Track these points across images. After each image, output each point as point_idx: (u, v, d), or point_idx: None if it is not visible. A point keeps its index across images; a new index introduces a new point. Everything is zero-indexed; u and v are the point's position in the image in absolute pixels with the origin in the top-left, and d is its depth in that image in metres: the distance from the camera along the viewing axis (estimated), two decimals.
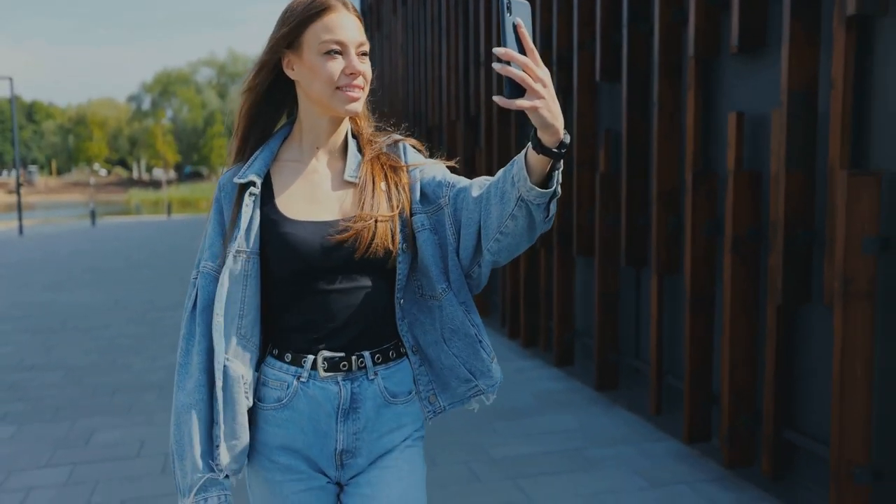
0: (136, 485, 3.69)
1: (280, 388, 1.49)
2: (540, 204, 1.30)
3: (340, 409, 1.48)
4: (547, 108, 1.20)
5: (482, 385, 1.55)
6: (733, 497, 3.41)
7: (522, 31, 1.18)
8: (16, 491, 3.65)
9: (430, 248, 1.48)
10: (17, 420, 4.73)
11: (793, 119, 3.04)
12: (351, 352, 1.48)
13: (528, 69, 1.18)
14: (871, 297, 2.76)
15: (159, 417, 4.72)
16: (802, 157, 3.08)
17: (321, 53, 1.41)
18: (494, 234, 1.38)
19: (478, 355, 1.53)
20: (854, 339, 2.76)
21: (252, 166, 1.49)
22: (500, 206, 1.34)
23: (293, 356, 1.49)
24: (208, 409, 1.45)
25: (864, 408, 2.78)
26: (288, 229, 1.45)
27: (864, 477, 2.80)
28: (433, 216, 1.49)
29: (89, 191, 55.09)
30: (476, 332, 1.52)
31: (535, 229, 1.35)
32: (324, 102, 1.44)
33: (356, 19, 1.45)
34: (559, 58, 5.18)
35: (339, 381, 1.48)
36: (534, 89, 1.18)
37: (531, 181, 1.28)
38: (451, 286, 1.49)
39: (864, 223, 2.72)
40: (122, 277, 12.00)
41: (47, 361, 6.31)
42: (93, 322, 8.10)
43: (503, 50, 1.17)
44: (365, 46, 1.45)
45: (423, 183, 1.51)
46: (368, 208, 1.45)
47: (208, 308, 1.47)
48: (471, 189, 1.44)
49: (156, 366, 6.06)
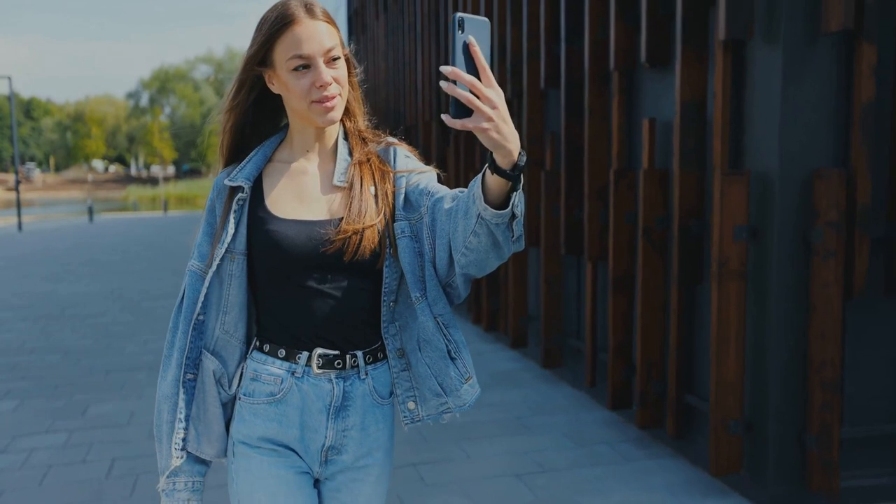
0: (125, 447, 4.20)
1: (273, 383, 1.50)
2: (498, 224, 1.26)
3: (332, 406, 1.50)
4: (496, 130, 1.16)
5: (451, 403, 1.54)
6: (644, 454, 3.92)
7: (475, 49, 1.15)
8: (20, 452, 4.15)
9: (408, 256, 1.47)
10: (19, 395, 5.24)
11: (685, 126, 3.55)
12: (345, 350, 1.50)
13: (476, 88, 1.14)
14: (742, 276, 3.27)
15: (148, 392, 5.23)
16: (694, 158, 3.58)
17: (290, 70, 1.41)
18: (461, 249, 1.35)
19: (447, 371, 1.52)
20: (728, 312, 3.27)
21: (244, 169, 1.51)
22: (465, 222, 1.32)
23: (287, 352, 1.50)
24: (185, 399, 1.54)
25: (736, 371, 3.29)
26: (275, 227, 1.47)
27: (737, 429, 3.31)
28: (415, 224, 1.48)
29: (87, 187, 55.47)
30: (449, 347, 1.51)
31: (500, 247, 1.31)
32: (303, 115, 1.47)
33: (324, 23, 1.43)
34: (513, 66, 5.68)
35: (332, 378, 1.50)
36: (481, 110, 1.15)
37: (488, 200, 1.25)
38: (425, 295, 1.48)
39: (736, 214, 3.23)
40: (118, 270, 12.51)
41: (47, 345, 6.82)
42: (89, 310, 8.60)
43: (449, 68, 1.13)
44: (334, 51, 1.43)
45: (408, 190, 1.50)
46: (356, 211, 1.46)
47: (192, 305, 1.52)
48: (445, 200, 1.43)
49: (147, 349, 6.56)
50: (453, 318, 1.52)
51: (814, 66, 3.09)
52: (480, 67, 1.15)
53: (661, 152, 3.96)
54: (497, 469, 3.78)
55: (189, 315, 1.52)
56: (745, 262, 3.27)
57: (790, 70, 3.07)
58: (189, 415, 1.53)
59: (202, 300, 1.50)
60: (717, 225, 3.25)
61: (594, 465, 3.79)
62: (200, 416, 1.53)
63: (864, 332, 3.28)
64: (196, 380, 1.53)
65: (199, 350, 1.53)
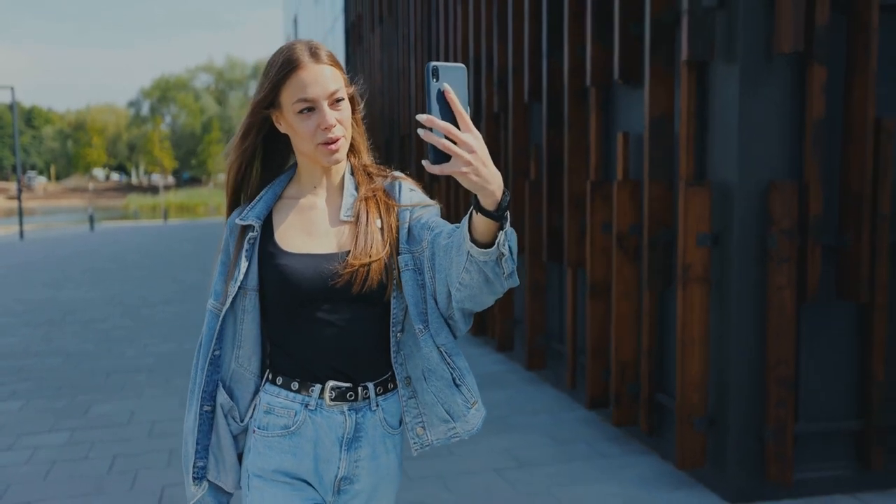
0: (126, 444, 4.40)
1: (287, 416, 1.54)
2: (486, 262, 1.29)
3: (345, 437, 1.54)
4: (475, 173, 1.19)
5: (459, 429, 1.59)
6: (619, 450, 4.13)
7: (450, 96, 1.19)
8: (25, 449, 4.36)
9: (412, 288, 1.51)
10: (23, 396, 5.45)
11: (654, 140, 3.77)
12: (357, 382, 1.54)
13: (452, 134, 1.18)
14: (706, 281, 3.48)
15: (148, 393, 5.44)
16: (663, 170, 3.80)
17: (296, 113, 1.46)
18: (455, 284, 1.38)
19: (454, 398, 1.55)
20: (692, 315, 3.49)
21: (254, 208, 1.57)
22: (457, 258, 1.35)
23: (300, 384, 1.54)
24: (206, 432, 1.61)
25: (701, 371, 3.51)
26: (285, 261, 1.51)
27: (701, 425, 3.52)
28: (418, 257, 1.52)
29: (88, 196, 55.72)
30: (454, 375, 1.54)
31: (492, 284, 1.34)
32: (309, 156, 1.52)
33: (328, 66, 1.48)
34: (499, 80, 5.91)
35: (344, 410, 1.54)
36: (458, 154, 1.18)
37: (476, 238, 1.29)
38: (427, 327, 1.51)
39: (699, 222, 3.45)
40: (118, 277, 12.72)
41: (49, 349, 7.03)
42: (90, 316, 8.81)
43: (424, 116, 1.17)
44: (339, 93, 1.48)
45: (412, 224, 1.54)
46: (363, 245, 1.50)
47: (209, 342, 1.59)
48: (443, 236, 1.46)
49: (146, 352, 6.77)
50: (456, 346, 1.54)
51: (769, 85, 3.32)
52: (457, 113, 1.19)
53: (634, 164, 4.18)
54: (478, 464, 3.98)
55: (206, 351, 1.58)
56: (709, 268, 3.48)
57: (747, 89, 3.30)
58: (208, 444, 1.59)
59: (216, 336, 1.57)
60: (682, 232, 3.47)
61: (571, 461, 4.00)
62: (217, 446, 1.59)
63: (818, 334, 3.49)
64: (213, 411, 1.59)
65: (215, 383, 1.59)
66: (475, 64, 6.42)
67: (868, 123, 3.30)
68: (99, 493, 3.69)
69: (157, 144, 78.59)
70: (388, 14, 10.26)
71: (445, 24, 7.32)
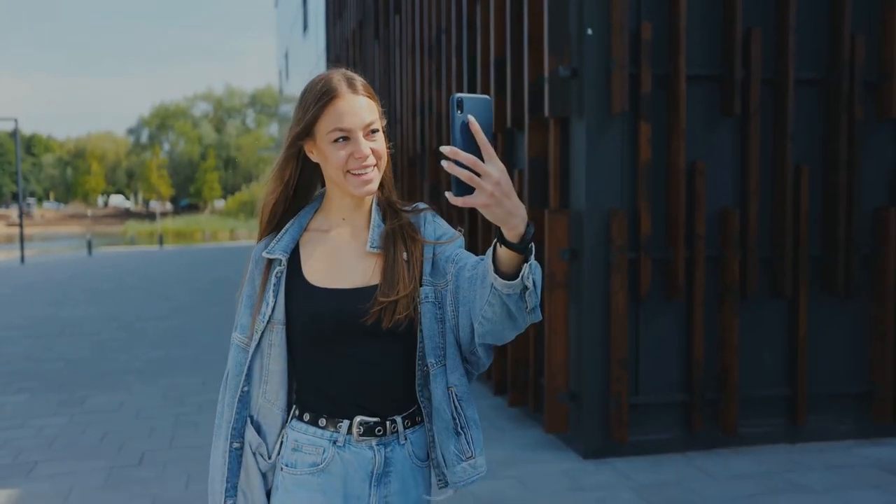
0: (115, 424, 5.37)
1: (315, 453, 1.51)
2: (511, 295, 1.27)
3: (374, 473, 1.50)
4: (499, 205, 1.18)
5: (447, 478, 1.54)
6: (513, 426, 5.10)
7: (475, 127, 1.17)
8: (32, 428, 5.33)
9: (429, 321, 1.49)
10: (30, 391, 6.42)
11: (532, 175, 4.81)
12: (384, 416, 1.51)
13: (476, 166, 1.16)
14: (565, 286, 4.49)
15: (136, 389, 6.42)
16: (543, 199, 4.83)
17: (331, 142, 1.46)
18: (479, 318, 1.36)
19: (448, 444, 1.51)
20: (556, 313, 4.49)
21: (281, 241, 1.55)
22: (482, 291, 1.34)
23: (328, 420, 1.51)
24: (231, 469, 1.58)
25: (562, 355, 4.51)
26: (313, 297, 1.50)
27: (564, 399, 4.51)
28: (440, 290, 1.50)
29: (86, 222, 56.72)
30: (457, 420, 1.50)
31: (514, 318, 1.32)
32: (340, 185, 1.50)
33: (366, 98, 1.48)
34: (437, 122, 6.97)
35: (373, 445, 1.50)
36: (482, 186, 1.16)
37: (500, 271, 1.27)
38: (442, 363, 1.49)
39: (560, 240, 4.47)
40: (114, 297, 13.71)
41: (50, 356, 8.01)
42: (87, 329, 9.80)
43: (448, 148, 1.16)
44: (374, 124, 1.48)
45: (436, 257, 1.52)
46: (390, 280, 1.48)
47: (237, 378, 1.57)
48: (467, 268, 1.45)
49: (137, 359, 7.75)
50: (468, 393, 1.52)
51: (609, 137, 4.36)
52: (481, 144, 1.17)
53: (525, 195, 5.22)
54: None
55: (234, 388, 1.57)
56: (568, 276, 4.50)
57: (593, 139, 4.34)
58: (237, 483, 1.57)
59: (249, 370, 1.56)
60: (548, 248, 4.49)
61: None
62: (246, 484, 1.57)
63: (652, 326, 4.50)
64: (241, 448, 1.57)
65: (244, 420, 1.57)
66: (421, 108, 7.49)
67: (682, 166, 4.34)
68: (92, 457, 4.66)
69: (155, 171, 79.90)
70: (359, 59, 11.39)
71: (401, 74, 8.43)
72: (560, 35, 4.45)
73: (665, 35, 4.40)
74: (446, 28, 6.62)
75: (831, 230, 4.57)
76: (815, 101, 4.59)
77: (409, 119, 8.10)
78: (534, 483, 4.08)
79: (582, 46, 4.30)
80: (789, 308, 4.60)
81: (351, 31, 12.21)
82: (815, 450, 4.52)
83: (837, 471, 4.19)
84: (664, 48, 4.40)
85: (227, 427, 1.57)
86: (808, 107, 4.58)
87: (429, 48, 7.22)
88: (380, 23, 9.63)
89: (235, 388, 1.57)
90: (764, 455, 4.45)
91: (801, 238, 4.51)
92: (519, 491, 3.97)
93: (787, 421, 4.62)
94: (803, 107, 4.56)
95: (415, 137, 7.83)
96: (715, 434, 4.54)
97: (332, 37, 15.16)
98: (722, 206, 4.49)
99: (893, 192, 4.68)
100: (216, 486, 1.59)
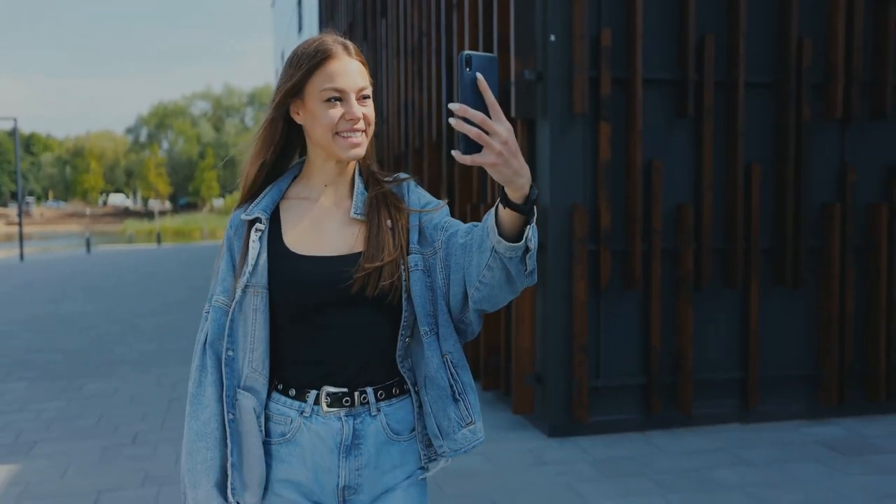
0: (110, 408, 5.67)
1: (284, 422, 1.50)
2: (512, 258, 1.27)
3: (342, 444, 1.48)
4: (506, 164, 1.17)
5: (445, 447, 1.52)
6: (487, 408, 5.39)
7: (483, 85, 1.16)
8: (32, 411, 5.63)
9: (420, 289, 1.47)
10: (29, 379, 6.72)
11: None
12: (354, 387, 1.48)
13: (485, 124, 1.15)
14: None
15: (131, 377, 6.72)
16: None
17: (322, 101, 1.43)
18: (475, 283, 1.36)
19: (446, 412, 1.50)
20: (523, 302, 4.79)
21: (259, 204, 1.52)
22: (479, 256, 1.33)
23: (297, 391, 1.49)
24: (223, 439, 1.49)
25: (528, 342, 4.81)
26: (293, 264, 1.47)
27: (530, 381, 4.81)
28: (428, 259, 1.48)
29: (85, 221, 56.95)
30: (454, 387, 1.49)
31: (513, 282, 1.32)
32: (327, 147, 1.46)
33: (358, 63, 1.46)
34: (419, 121, 7.27)
35: (341, 416, 1.48)
36: (490, 145, 1.15)
37: (503, 234, 1.26)
38: (435, 331, 1.48)
39: None
40: (111, 293, 14.01)
41: (49, 347, 8.31)
42: (85, 324, 10.10)
43: (457, 105, 1.15)
44: (366, 90, 1.47)
45: (422, 225, 1.51)
46: (374, 247, 1.45)
47: (218, 340, 1.50)
48: (459, 235, 1.43)
49: (132, 351, 8.05)
50: (463, 359, 1.51)
51: (571, 137, 4.66)
52: (489, 103, 1.16)
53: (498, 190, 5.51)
54: None
55: (217, 349, 1.51)
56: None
57: (556, 138, 4.64)
58: (234, 461, 1.49)
59: (228, 334, 1.49)
60: None
61: None
62: (241, 461, 1.50)
63: (612, 314, 4.80)
64: (235, 420, 1.50)
65: (234, 389, 1.50)
66: (405, 108, 7.79)
67: (639, 164, 4.64)
68: (88, 437, 4.96)
69: (153, 170, 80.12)
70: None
71: (387, 76, 8.73)
72: (526, 41, 4.75)
73: (623, 41, 4.70)
74: (427, 32, 6.92)
75: (781, 224, 4.88)
76: (765, 103, 4.90)
77: (394, 118, 8.40)
78: (500, 459, 4.38)
79: (546, 52, 4.60)
80: (741, 297, 4.91)
81: (342, 33, 12.50)
82: (765, 429, 4.83)
83: (782, 447, 4.49)
84: (622, 53, 4.70)
85: (218, 390, 1.50)
86: (758, 108, 4.88)
87: (412, 51, 7.52)
88: (368, 25, 9.93)
89: (220, 353, 1.51)
90: (717, 433, 4.75)
91: (752, 232, 4.82)
92: (485, 466, 4.28)
93: (740, 402, 4.93)
94: (754, 108, 4.86)
95: (400, 136, 8.13)
96: (672, 415, 4.84)
97: None
98: (677, 202, 4.80)
99: (840, 189, 4.98)
100: (200, 456, 1.48)
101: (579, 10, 4.53)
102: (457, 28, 5.99)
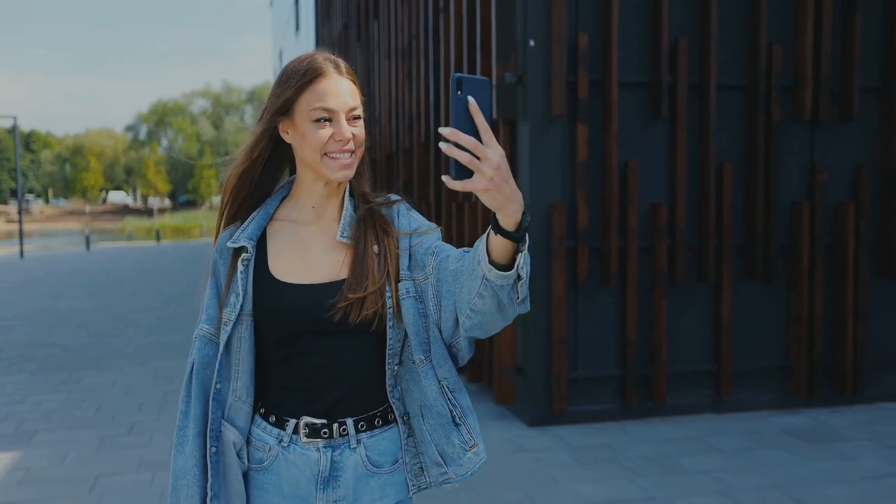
0: (108, 400, 5.87)
1: (262, 449, 1.48)
2: (503, 286, 1.23)
3: (320, 476, 1.45)
4: (497, 190, 1.14)
5: (451, 473, 1.49)
6: (470, 398, 5.59)
7: (475, 108, 1.13)
8: (32, 403, 5.83)
9: (413, 316, 1.43)
10: (30, 372, 6.92)
11: None
12: (334, 417, 1.45)
13: (475, 149, 1.12)
14: None
15: (128, 370, 6.92)
16: None
17: (311, 121, 1.40)
18: (466, 311, 1.32)
19: (449, 438, 1.47)
20: None
21: (246, 230, 1.48)
22: (470, 283, 1.29)
23: (277, 418, 1.47)
24: (204, 475, 1.47)
25: (510, 335, 5.00)
26: (277, 292, 1.45)
27: (511, 373, 5.01)
28: (420, 284, 1.44)
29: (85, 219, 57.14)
30: (453, 413, 1.46)
31: (505, 310, 1.28)
32: (315, 168, 1.43)
33: (349, 83, 1.43)
34: (409, 122, 7.46)
35: (319, 448, 1.45)
36: (481, 170, 1.12)
37: (494, 261, 1.23)
38: (429, 358, 1.44)
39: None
40: (110, 290, 14.21)
41: (49, 342, 8.52)
42: (84, 319, 10.30)
43: (448, 130, 1.12)
44: (357, 110, 1.43)
45: (413, 250, 1.47)
46: (359, 274, 1.42)
47: (203, 371, 1.48)
48: (450, 261, 1.39)
49: (130, 345, 8.25)
50: (459, 383, 1.48)
51: (550, 138, 4.85)
52: (481, 127, 1.14)
53: None
54: None
55: (202, 379, 1.49)
56: None
57: (536, 139, 4.83)
58: (216, 492, 1.47)
59: (217, 368, 1.47)
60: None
61: None
62: (222, 493, 1.48)
63: (589, 309, 5.00)
64: (218, 453, 1.48)
65: (219, 421, 1.48)
66: (396, 109, 7.98)
67: (615, 164, 4.83)
68: (86, 427, 5.16)
69: (152, 168, 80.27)
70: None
71: (379, 77, 8.93)
72: (507, 45, 4.94)
73: (600, 45, 4.89)
74: (416, 35, 7.12)
75: (752, 222, 5.07)
76: (737, 105, 5.09)
77: (386, 119, 8.60)
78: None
79: (526, 56, 4.79)
80: (714, 292, 5.11)
81: (338, 34, 12.70)
82: (736, 418, 5.03)
83: (750, 435, 4.69)
84: (599, 57, 4.89)
85: (202, 426, 1.48)
86: (730, 110, 5.08)
87: (402, 53, 7.71)
88: (361, 27, 10.12)
89: (208, 386, 1.49)
90: (690, 423, 4.95)
91: (724, 229, 5.01)
92: None
93: (713, 393, 5.13)
94: (726, 110, 5.06)
95: (391, 137, 8.32)
96: (647, 405, 5.04)
97: (322, 38, 15.64)
98: (652, 201, 4.99)
99: (808, 188, 5.18)
100: (183, 492, 1.47)
101: (557, 15, 4.72)
102: (443, 32, 6.18)
